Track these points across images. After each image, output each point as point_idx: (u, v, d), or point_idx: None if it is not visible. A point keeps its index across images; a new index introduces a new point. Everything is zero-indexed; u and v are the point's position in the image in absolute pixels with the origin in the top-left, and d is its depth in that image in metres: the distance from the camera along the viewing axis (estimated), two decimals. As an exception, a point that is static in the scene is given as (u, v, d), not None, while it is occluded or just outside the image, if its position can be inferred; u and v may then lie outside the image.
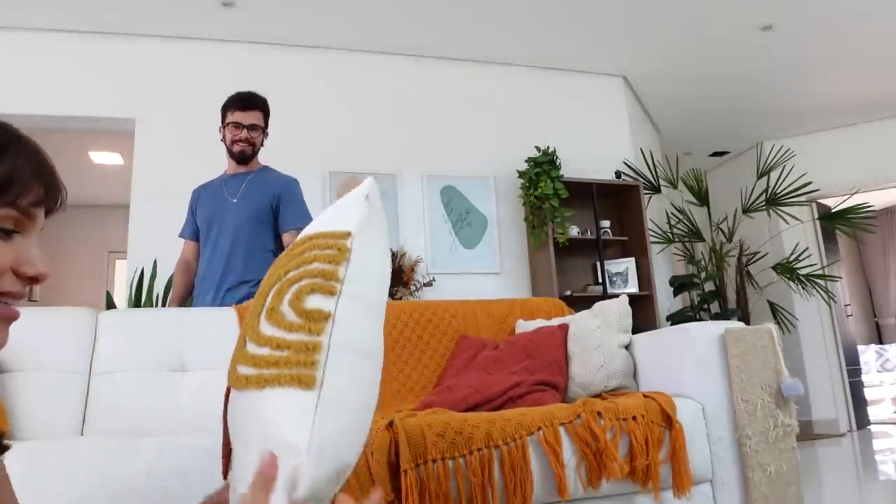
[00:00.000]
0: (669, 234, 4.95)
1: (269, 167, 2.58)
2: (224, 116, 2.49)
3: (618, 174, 4.54)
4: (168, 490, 1.26)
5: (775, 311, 5.06)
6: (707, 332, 1.79)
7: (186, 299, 2.59)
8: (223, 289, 2.39)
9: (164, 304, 3.27)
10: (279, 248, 2.47)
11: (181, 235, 2.65)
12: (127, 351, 1.88)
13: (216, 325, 2.04)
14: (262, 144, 2.54)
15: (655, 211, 5.05)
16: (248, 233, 2.42)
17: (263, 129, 2.52)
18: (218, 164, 2.67)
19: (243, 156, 2.47)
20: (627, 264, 4.32)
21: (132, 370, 1.86)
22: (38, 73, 3.77)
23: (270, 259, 2.44)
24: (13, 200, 0.57)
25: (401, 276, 3.80)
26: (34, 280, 0.59)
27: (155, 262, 3.30)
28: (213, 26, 3.97)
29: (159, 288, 3.30)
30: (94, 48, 3.90)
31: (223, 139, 2.51)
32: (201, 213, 2.53)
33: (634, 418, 1.60)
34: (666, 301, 4.83)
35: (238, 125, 2.45)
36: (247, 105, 2.45)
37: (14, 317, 0.59)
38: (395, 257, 3.88)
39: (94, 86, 3.85)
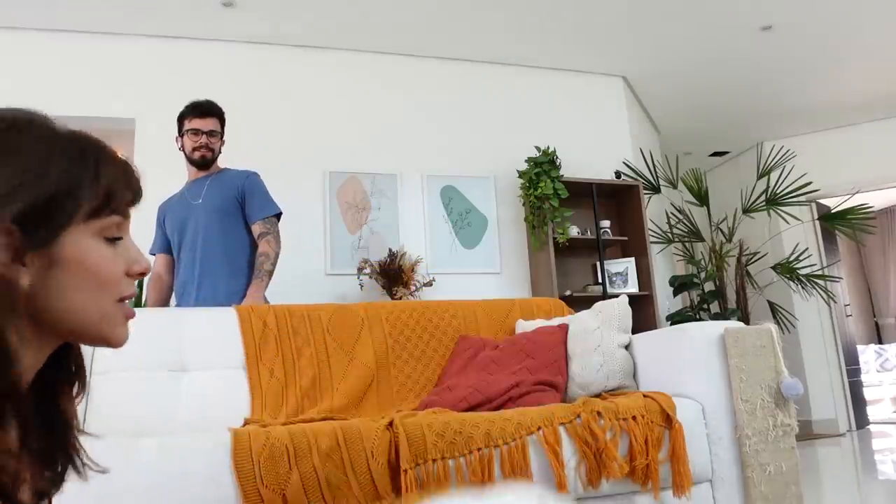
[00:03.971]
0: (669, 234, 4.95)
1: (228, 168, 2.64)
2: (181, 125, 2.56)
3: (618, 174, 4.54)
4: (168, 490, 1.26)
5: (775, 311, 5.06)
6: (707, 332, 1.79)
7: None
8: (203, 289, 2.43)
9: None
10: (252, 239, 2.51)
11: (151, 252, 2.71)
12: (127, 351, 1.88)
13: (216, 325, 2.05)
14: (220, 151, 2.60)
15: (655, 211, 5.05)
16: (218, 230, 2.47)
17: (221, 136, 2.59)
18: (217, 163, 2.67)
19: (204, 161, 2.54)
20: (627, 264, 4.32)
21: (132, 370, 1.86)
22: (38, 73, 3.77)
23: (245, 252, 2.50)
24: (116, 207, 0.62)
25: (401, 276, 3.80)
26: (142, 275, 0.65)
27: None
28: (213, 26, 3.97)
29: (159, 288, 3.30)
30: (94, 48, 3.90)
31: (181, 148, 2.58)
32: (170, 225, 2.60)
33: (634, 418, 1.60)
34: (666, 301, 4.83)
35: (197, 132, 2.52)
36: (204, 112, 2.53)
37: (133, 315, 0.65)
38: (395, 257, 3.89)
39: (94, 86, 3.85)
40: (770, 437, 1.68)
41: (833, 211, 5.40)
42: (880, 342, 8.18)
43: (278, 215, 2.56)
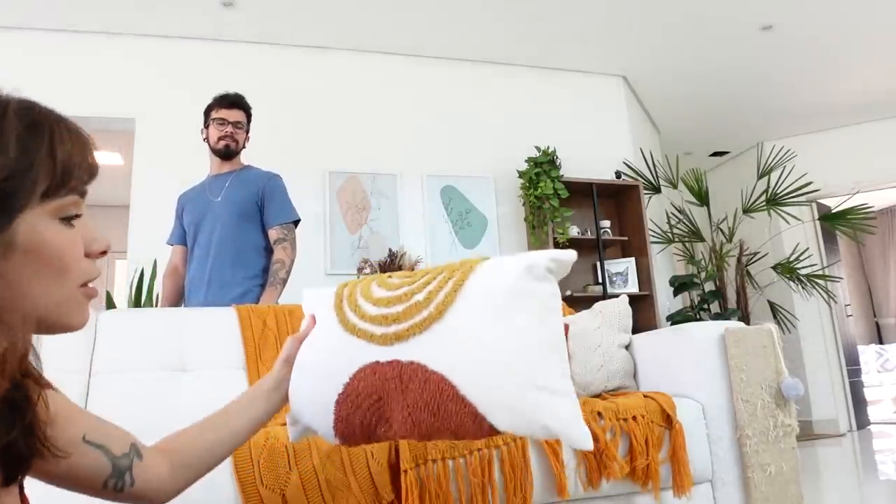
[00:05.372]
0: (669, 234, 4.95)
1: (252, 165, 2.61)
2: (208, 115, 2.55)
3: (618, 174, 4.54)
4: (168, 490, 1.26)
5: (775, 311, 5.06)
6: (707, 332, 1.79)
7: (177, 304, 2.60)
8: (212, 288, 2.40)
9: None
10: (268, 243, 2.49)
11: (169, 242, 2.68)
12: (127, 351, 1.88)
13: (216, 325, 2.04)
14: (244, 145, 2.58)
15: (655, 211, 5.05)
16: (234, 230, 2.44)
17: (246, 130, 2.57)
18: (218, 164, 2.67)
19: (228, 151, 2.51)
20: (627, 264, 4.32)
21: (132, 370, 1.86)
22: (38, 72, 3.77)
23: (259, 256, 2.47)
24: (75, 185, 0.57)
25: (401, 276, 3.80)
26: (103, 254, 0.62)
27: (155, 262, 3.30)
28: (213, 26, 3.97)
29: (159, 288, 3.29)
30: (94, 48, 3.90)
31: (206, 139, 2.56)
32: (187, 218, 2.56)
33: (634, 418, 1.59)
34: (666, 301, 4.83)
35: (223, 121, 2.50)
36: (231, 103, 2.52)
37: (95, 295, 0.61)
38: (395, 257, 3.89)
39: (94, 86, 3.85)
40: (770, 437, 1.68)
41: (833, 211, 5.39)
42: (881, 342, 8.17)
43: (296, 222, 2.52)
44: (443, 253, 4.19)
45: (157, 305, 3.28)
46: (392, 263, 3.84)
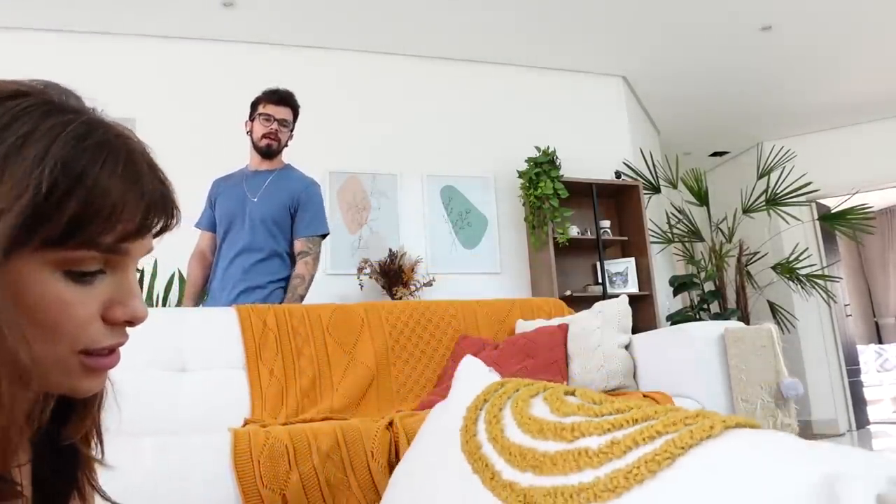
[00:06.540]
0: (669, 234, 4.95)
1: (292, 166, 2.56)
2: (254, 109, 2.48)
3: (618, 174, 4.54)
4: (168, 490, 1.26)
5: (775, 311, 5.06)
6: (707, 332, 1.79)
7: (202, 290, 2.57)
8: (237, 291, 2.36)
9: (164, 304, 3.28)
10: (293, 252, 2.45)
11: (197, 226, 2.59)
12: (127, 351, 1.88)
13: (216, 325, 2.05)
14: (286, 144, 2.53)
15: (655, 211, 5.05)
16: (265, 234, 2.40)
17: (291, 128, 2.52)
18: (219, 163, 2.67)
19: (269, 150, 2.46)
20: (627, 264, 4.32)
21: (132, 370, 1.86)
22: (37, 73, 3.76)
23: (285, 263, 2.43)
24: (92, 239, 0.45)
25: (401, 276, 3.80)
26: (129, 324, 0.50)
27: (155, 261, 3.29)
28: (213, 26, 3.97)
29: (159, 288, 3.30)
30: (94, 48, 3.90)
31: (249, 132, 2.49)
32: (220, 207, 2.50)
33: (634, 418, 1.59)
34: (666, 301, 4.83)
35: (269, 118, 2.44)
36: (279, 100, 2.45)
37: (98, 368, 0.50)
38: (395, 257, 3.89)
39: (94, 86, 3.83)
40: (770, 437, 1.68)
41: (833, 211, 5.40)
42: (880, 342, 8.17)
43: (324, 235, 2.48)
44: (443, 253, 4.19)
45: (157, 305, 3.28)
46: (392, 263, 3.84)
